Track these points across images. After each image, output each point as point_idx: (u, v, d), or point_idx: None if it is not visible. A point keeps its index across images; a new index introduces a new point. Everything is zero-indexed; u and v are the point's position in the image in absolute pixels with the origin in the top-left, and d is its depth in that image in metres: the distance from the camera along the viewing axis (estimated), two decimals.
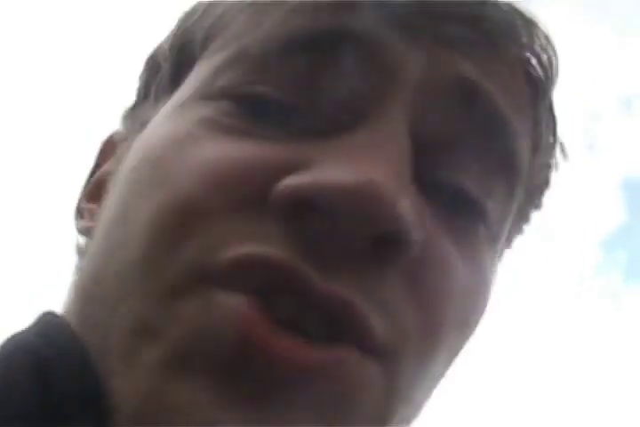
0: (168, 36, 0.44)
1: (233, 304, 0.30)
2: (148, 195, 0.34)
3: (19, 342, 0.34)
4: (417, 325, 0.33)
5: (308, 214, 0.31)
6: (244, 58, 0.36)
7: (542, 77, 0.41)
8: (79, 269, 0.39)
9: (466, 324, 0.36)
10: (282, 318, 0.30)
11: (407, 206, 0.31)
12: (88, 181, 0.46)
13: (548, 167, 0.44)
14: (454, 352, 0.37)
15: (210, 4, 0.42)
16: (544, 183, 0.44)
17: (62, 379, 0.31)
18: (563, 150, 0.44)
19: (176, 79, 0.41)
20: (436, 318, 0.34)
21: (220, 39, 0.39)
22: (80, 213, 0.44)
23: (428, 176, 0.35)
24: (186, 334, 0.30)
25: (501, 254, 0.43)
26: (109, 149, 0.45)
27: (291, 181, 0.31)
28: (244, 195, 0.32)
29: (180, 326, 0.30)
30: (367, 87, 0.35)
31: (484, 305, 0.38)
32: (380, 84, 0.35)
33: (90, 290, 0.35)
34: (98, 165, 0.46)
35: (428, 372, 0.35)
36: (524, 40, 0.40)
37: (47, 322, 0.36)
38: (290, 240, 0.31)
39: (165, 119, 0.38)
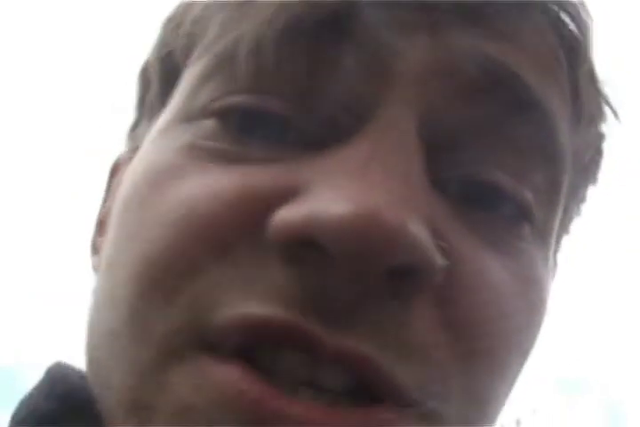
0: (154, 46, 0.40)
1: (229, 380, 0.26)
2: (131, 244, 0.30)
3: (30, 410, 0.33)
4: (460, 360, 0.28)
5: (307, 253, 0.26)
6: (223, 63, 0.31)
7: (577, 35, 0.35)
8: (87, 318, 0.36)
9: (524, 339, 0.32)
10: (293, 379, 0.26)
11: (416, 231, 0.26)
12: (99, 212, 0.42)
13: (597, 137, 0.38)
14: (515, 367, 0.32)
15: (188, 5, 0.37)
16: (596, 155, 0.38)
17: None
18: (613, 113, 0.38)
19: (165, 95, 0.36)
20: (482, 347, 0.29)
21: (200, 47, 0.34)
22: (94, 248, 0.41)
23: (452, 177, 0.30)
24: (179, 415, 0.27)
25: (558, 246, 0.37)
26: (115, 176, 0.42)
27: (283, 217, 0.27)
28: (234, 236, 0.28)
29: (172, 405, 0.27)
30: (364, 86, 0.30)
31: (541, 311, 0.33)
32: (376, 81, 0.30)
33: (90, 352, 0.33)
34: (106, 194, 0.42)
35: (483, 404, 0.30)
36: None
37: (56, 381, 0.35)
38: (290, 290, 0.26)
39: (149, 148, 0.34)
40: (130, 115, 0.44)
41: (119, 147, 0.45)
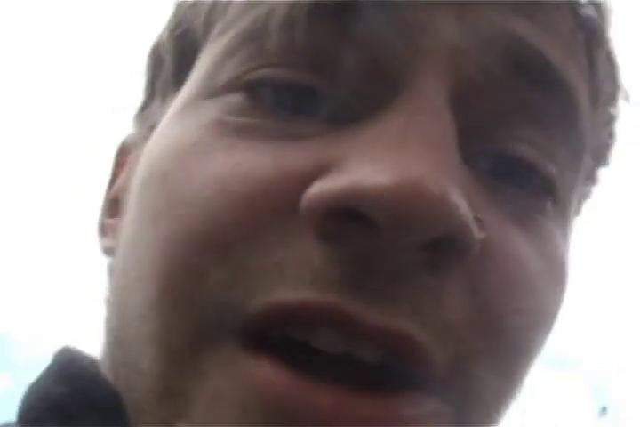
0: (167, 25, 0.39)
1: (259, 374, 0.26)
2: (157, 223, 0.30)
3: (41, 394, 0.32)
4: (490, 337, 0.29)
5: (346, 225, 0.26)
6: (251, 37, 0.31)
7: (596, 18, 0.35)
8: (106, 300, 0.36)
9: (548, 317, 0.32)
10: (323, 370, 0.26)
11: (458, 201, 0.26)
12: (107, 192, 0.42)
13: (611, 119, 0.38)
14: (539, 344, 0.32)
15: None
16: (609, 137, 0.39)
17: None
18: (626, 96, 0.39)
19: (181, 74, 0.36)
20: (510, 323, 0.29)
21: (221, 23, 0.33)
22: (103, 230, 0.40)
23: (479, 152, 0.31)
24: (213, 404, 0.27)
25: (572, 224, 0.38)
26: (123, 156, 0.42)
27: (321, 188, 0.27)
28: (269, 214, 0.28)
29: (207, 393, 0.27)
30: (395, 60, 0.30)
31: (563, 288, 0.33)
32: (406, 55, 0.30)
33: (115, 334, 0.32)
34: (115, 175, 0.42)
35: (509, 381, 0.31)
36: None
37: (66, 365, 0.34)
38: (326, 269, 0.26)
39: (170, 125, 0.34)
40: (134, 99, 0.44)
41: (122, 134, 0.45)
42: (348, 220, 0.26)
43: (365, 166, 0.26)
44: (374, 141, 0.28)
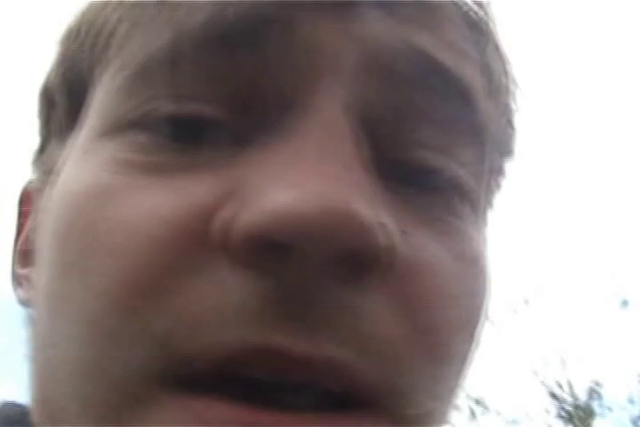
0: (54, 63, 0.38)
1: (213, 412, 0.26)
2: (75, 278, 0.29)
3: None
4: (416, 344, 0.29)
5: (267, 256, 0.26)
6: (146, 72, 0.31)
7: (483, 17, 0.36)
8: (30, 354, 0.35)
9: (473, 319, 0.32)
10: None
11: (357, 212, 0.26)
12: (16, 242, 0.40)
13: (507, 111, 0.39)
14: (471, 344, 0.32)
15: (87, 17, 0.35)
16: (508, 129, 0.39)
17: None
18: (517, 86, 0.39)
19: (74, 112, 0.35)
20: (435, 331, 0.30)
21: (110, 56, 0.33)
22: (17, 280, 0.39)
23: (382, 160, 0.31)
24: None
25: (485, 217, 0.38)
26: (27, 204, 0.40)
27: (242, 220, 0.26)
28: (190, 256, 0.27)
29: None
30: (291, 82, 0.30)
31: (483, 285, 0.33)
32: (302, 76, 0.30)
33: (40, 392, 0.31)
34: (21, 224, 0.41)
35: (443, 386, 0.31)
36: None
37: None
38: (259, 307, 0.26)
39: (72, 169, 0.33)
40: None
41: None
42: (271, 250, 0.26)
43: (275, 191, 0.26)
44: (269, 163, 0.28)
